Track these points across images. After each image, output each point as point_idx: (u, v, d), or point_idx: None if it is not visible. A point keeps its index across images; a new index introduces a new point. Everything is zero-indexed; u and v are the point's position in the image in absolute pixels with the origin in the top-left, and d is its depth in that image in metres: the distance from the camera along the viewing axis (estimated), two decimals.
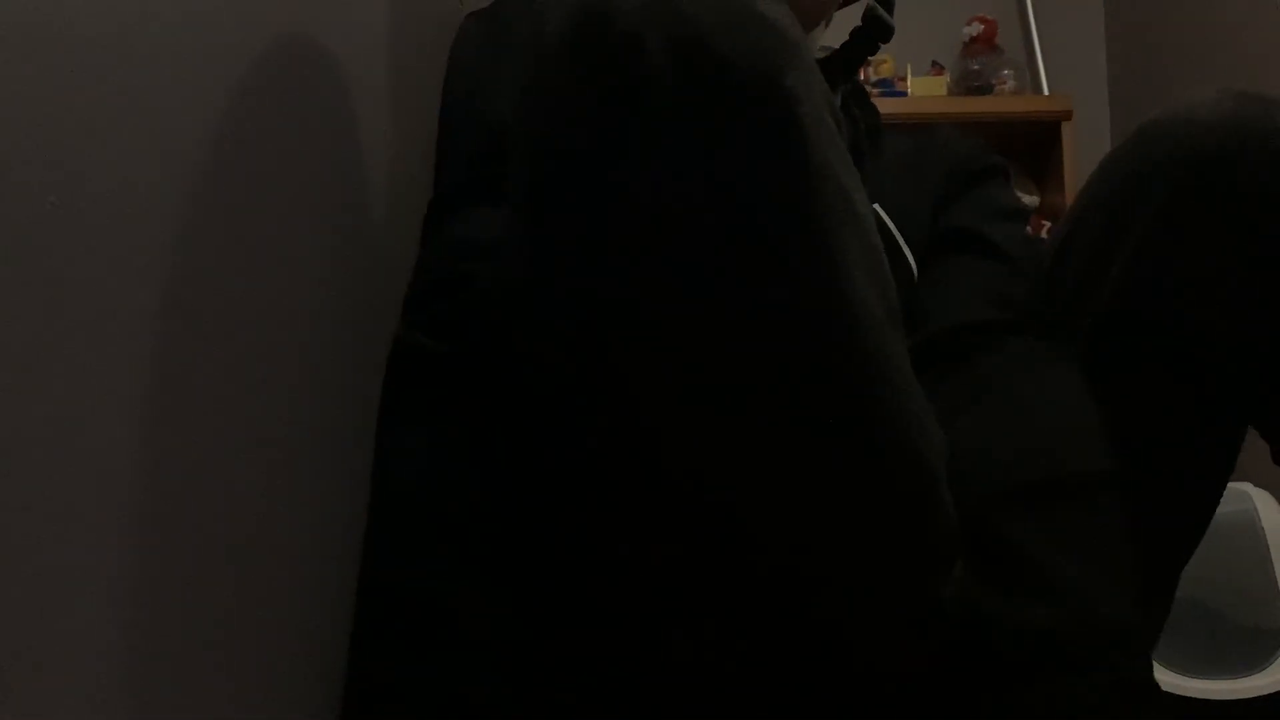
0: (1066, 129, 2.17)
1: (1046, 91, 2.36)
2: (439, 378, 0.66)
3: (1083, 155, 2.25)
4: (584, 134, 0.49)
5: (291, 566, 0.57)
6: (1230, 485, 0.82)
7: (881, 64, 2.26)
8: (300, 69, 0.61)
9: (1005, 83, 2.29)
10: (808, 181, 0.49)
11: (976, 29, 2.35)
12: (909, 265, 0.80)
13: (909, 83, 2.28)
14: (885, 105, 2.13)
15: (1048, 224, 2.23)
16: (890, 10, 0.89)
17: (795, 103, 0.49)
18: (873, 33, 0.89)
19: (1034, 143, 2.25)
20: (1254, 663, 1.42)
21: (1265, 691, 1.40)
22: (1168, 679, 1.42)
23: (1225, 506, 0.95)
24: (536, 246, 0.53)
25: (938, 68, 2.36)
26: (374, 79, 0.73)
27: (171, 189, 0.46)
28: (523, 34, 0.73)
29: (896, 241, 0.79)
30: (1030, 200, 2.28)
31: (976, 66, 2.31)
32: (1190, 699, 1.42)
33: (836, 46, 0.90)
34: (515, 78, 0.56)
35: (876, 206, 0.67)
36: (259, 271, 0.54)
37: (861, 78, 0.94)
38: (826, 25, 0.88)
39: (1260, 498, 1.46)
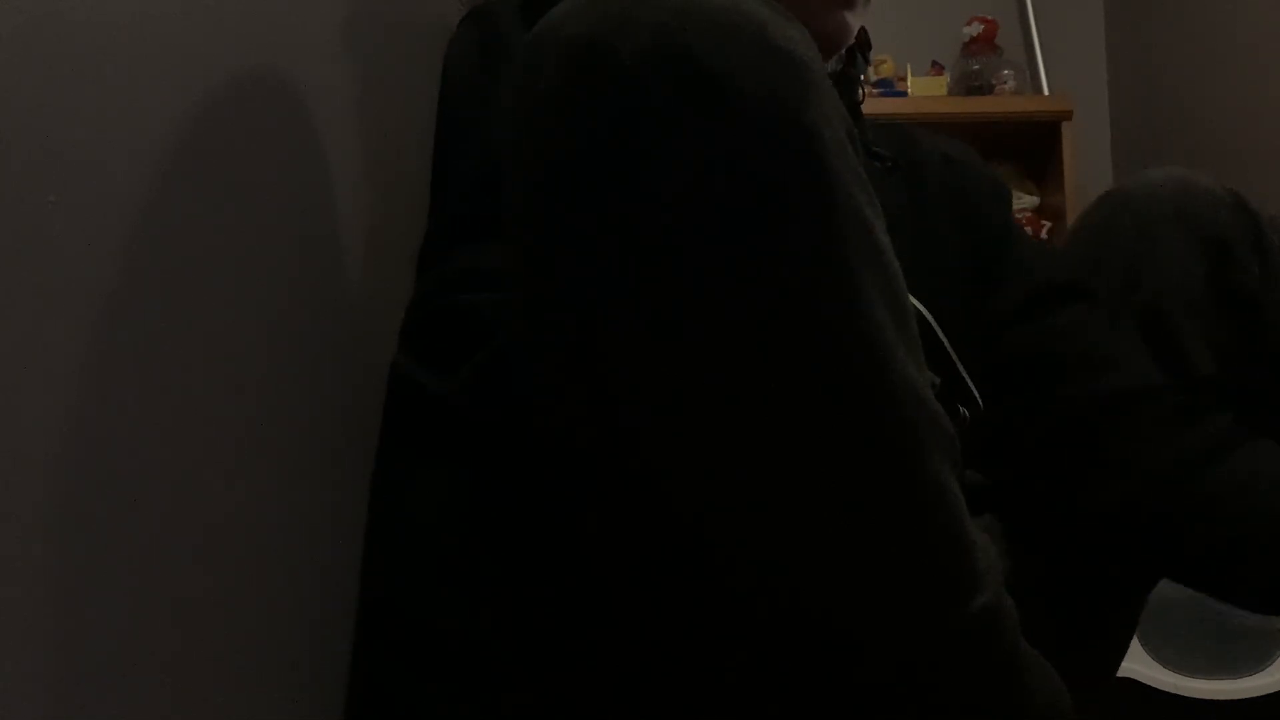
0: (1066, 129, 2.17)
1: (1046, 91, 2.36)
2: (445, 417, 0.63)
3: (1083, 155, 2.25)
4: (586, 179, 0.46)
5: (279, 570, 0.57)
6: None
7: (881, 64, 2.26)
8: (297, 66, 0.61)
9: (1005, 83, 2.29)
10: (831, 223, 0.46)
11: (976, 29, 2.35)
12: (975, 401, 0.73)
13: (909, 83, 2.28)
14: (885, 105, 2.16)
15: (1047, 224, 2.23)
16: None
17: (816, 139, 0.46)
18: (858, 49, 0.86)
19: (1034, 143, 2.25)
20: (1254, 663, 1.42)
21: (1265, 691, 1.40)
22: (1168, 679, 1.42)
23: None
24: (537, 289, 0.50)
25: (938, 68, 2.36)
26: (367, 76, 0.73)
27: (171, 188, 0.46)
28: (516, 48, 0.70)
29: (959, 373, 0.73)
30: (1030, 200, 2.28)
31: (976, 66, 2.31)
32: (1190, 699, 1.42)
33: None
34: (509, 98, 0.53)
35: (921, 308, 0.63)
36: (254, 268, 0.54)
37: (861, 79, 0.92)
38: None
39: None
